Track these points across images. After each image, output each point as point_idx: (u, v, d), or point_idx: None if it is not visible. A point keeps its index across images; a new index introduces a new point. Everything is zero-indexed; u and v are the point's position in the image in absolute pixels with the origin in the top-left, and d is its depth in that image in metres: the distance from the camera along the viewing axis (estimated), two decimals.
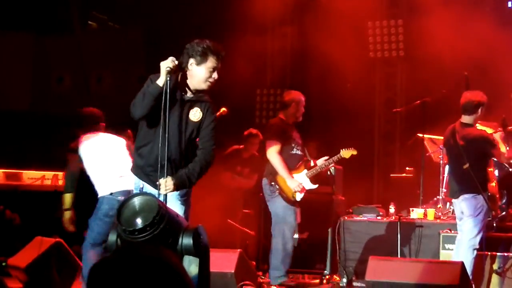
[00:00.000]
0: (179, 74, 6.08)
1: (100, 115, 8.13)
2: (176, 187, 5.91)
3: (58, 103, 12.23)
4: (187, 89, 6.14)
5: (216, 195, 11.52)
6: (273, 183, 9.20)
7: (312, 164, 9.34)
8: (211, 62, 6.09)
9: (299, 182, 9.15)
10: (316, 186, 9.31)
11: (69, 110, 11.96)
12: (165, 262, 2.11)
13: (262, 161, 9.65)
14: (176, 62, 5.93)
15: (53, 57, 12.56)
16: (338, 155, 9.36)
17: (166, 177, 5.84)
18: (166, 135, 5.85)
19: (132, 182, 6.35)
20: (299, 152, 9.31)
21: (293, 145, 9.27)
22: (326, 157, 9.42)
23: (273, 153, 9.19)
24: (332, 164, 9.44)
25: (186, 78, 6.11)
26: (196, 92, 6.14)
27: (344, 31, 13.60)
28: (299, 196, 9.24)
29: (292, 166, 9.21)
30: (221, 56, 6.13)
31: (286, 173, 9.14)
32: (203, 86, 6.11)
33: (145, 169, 6.11)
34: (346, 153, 9.33)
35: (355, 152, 9.36)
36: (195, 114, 6.10)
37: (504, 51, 12.51)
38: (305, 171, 9.28)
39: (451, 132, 8.82)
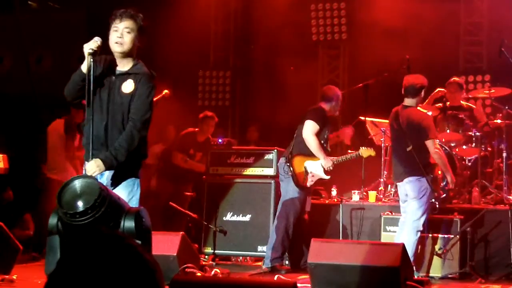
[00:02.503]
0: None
1: None
2: (102, 169, 5.80)
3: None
4: (123, 62, 6.06)
5: (164, 177, 11.50)
6: (288, 164, 9.32)
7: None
8: (113, 23, 6.00)
9: (332, 162, 9.35)
10: (328, 177, 9.53)
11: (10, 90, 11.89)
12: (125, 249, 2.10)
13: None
14: (99, 43, 5.86)
15: None
16: (356, 152, 9.61)
17: (91, 159, 5.76)
18: (91, 116, 5.81)
19: None
20: (324, 144, 9.41)
21: (325, 136, 9.42)
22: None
23: (311, 134, 9.35)
24: (346, 159, 9.67)
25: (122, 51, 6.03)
26: (134, 65, 6.05)
27: (287, 14, 13.60)
28: (309, 182, 9.40)
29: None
30: (120, 16, 5.99)
31: (322, 153, 9.36)
32: (114, 48, 5.98)
33: (88, 148, 6.00)
34: (364, 152, 9.53)
35: (373, 154, 9.59)
36: (127, 86, 5.97)
37: (445, 31, 12.68)
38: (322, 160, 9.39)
39: (395, 115, 8.90)
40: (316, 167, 9.41)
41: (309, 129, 9.37)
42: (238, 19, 15.15)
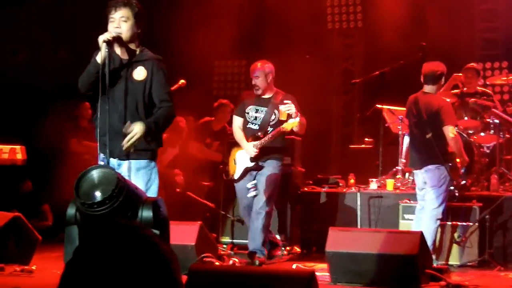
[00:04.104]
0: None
1: None
2: (142, 131, 5.78)
3: (13, 75, 12.09)
4: (126, 52, 6.08)
5: (182, 166, 11.49)
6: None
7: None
8: (109, 14, 6.01)
9: (252, 148, 8.91)
10: (252, 163, 9.01)
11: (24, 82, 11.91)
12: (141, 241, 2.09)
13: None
14: (114, 34, 5.88)
15: (7, 28, 12.37)
16: (279, 128, 8.82)
17: (108, 150, 5.81)
18: (107, 106, 5.85)
19: None
20: (255, 125, 9.14)
21: (252, 116, 9.12)
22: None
23: (233, 127, 9.19)
24: (269, 139, 8.91)
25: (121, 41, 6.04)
26: (139, 52, 6.07)
27: (302, 2, 13.57)
28: (237, 174, 9.22)
29: None
30: (114, 6, 5.98)
31: (242, 141, 9.06)
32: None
33: (103, 140, 6.03)
34: (288, 125, 8.68)
35: (296, 124, 8.63)
36: (139, 73, 6.01)
37: (461, 18, 12.62)
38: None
39: (414, 102, 8.85)
40: (243, 156, 9.13)
41: (233, 123, 9.23)
42: (253, 8, 15.12)
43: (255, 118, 9.04)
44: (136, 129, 5.76)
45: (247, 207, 9.07)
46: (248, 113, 9.07)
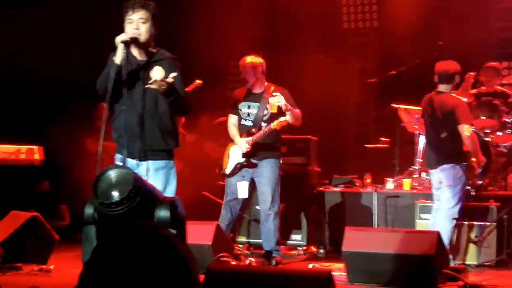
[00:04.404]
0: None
1: None
2: (162, 75, 5.83)
3: (31, 76, 12.15)
4: (143, 53, 6.11)
5: (195, 166, 11.50)
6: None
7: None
8: (127, 15, 6.03)
9: (244, 144, 8.97)
10: (243, 159, 9.05)
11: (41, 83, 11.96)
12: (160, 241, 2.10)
13: None
14: (131, 34, 5.91)
15: (23, 29, 12.42)
16: (269, 126, 8.83)
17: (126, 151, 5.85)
18: (125, 106, 5.89)
19: None
20: (249, 121, 9.13)
21: (245, 112, 9.16)
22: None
23: (229, 125, 9.26)
24: (261, 136, 8.92)
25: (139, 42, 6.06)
26: (156, 53, 6.11)
27: (317, 1, 13.56)
28: (228, 169, 9.28)
29: None
30: (132, 7, 6.01)
31: (236, 137, 9.12)
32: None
33: (121, 141, 6.06)
34: (277, 124, 8.69)
35: (285, 122, 8.65)
36: (157, 74, 5.99)
37: (476, 17, 12.57)
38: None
39: (428, 102, 8.85)
40: (237, 151, 9.13)
41: (228, 121, 9.22)
42: (268, 8, 15.11)
43: (248, 114, 9.05)
44: (159, 72, 5.82)
45: (232, 201, 9.15)
46: (240, 109, 9.08)
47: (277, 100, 8.59)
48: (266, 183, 8.89)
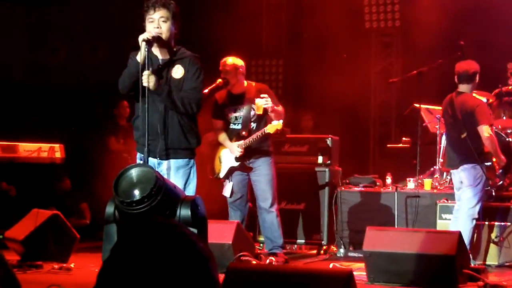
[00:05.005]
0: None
1: None
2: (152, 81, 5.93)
3: (53, 74, 12.18)
4: (165, 52, 6.15)
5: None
6: None
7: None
8: (147, 14, 6.08)
9: (237, 148, 8.90)
10: (237, 163, 8.96)
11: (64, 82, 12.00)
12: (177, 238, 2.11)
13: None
14: (154, 33, 5.94)
15: (47, 28, 12.47)
16: (262, 130, 8.74)
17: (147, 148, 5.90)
18: (146, 105, 5.90)
19: None
20: (236, 124, 9.09)
21: (233, 116, 9.09)
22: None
23: (214, 131, 9.21)
24: (254, 140, 8.84)
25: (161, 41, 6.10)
26: (176, 51, 6.14)
27: (340, 1, 13.55)
28: (222, 173, 9.22)
29: None
30: (153, 6, 6.05)
31: (226, 142, 9.06)
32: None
33: (143, 140, 6.09)
34: (271, 127, 8.62)
35: (279, 126, 8.59)
36: (178, 72, 6.10)
37: (501, 20, 12.49)
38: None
39: (449, 102, 8.83)
40: (228, 155, 9.06)
41: (214, 127, 9.17)
42: (291, 7, 15.12)
43: (236, 118, 9.00)
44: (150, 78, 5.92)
45: (236, 201, 9.12)
46: (227, 115, 9.03)
47: (265, 102, 8.56)
48: (265, 182, 8.90)
